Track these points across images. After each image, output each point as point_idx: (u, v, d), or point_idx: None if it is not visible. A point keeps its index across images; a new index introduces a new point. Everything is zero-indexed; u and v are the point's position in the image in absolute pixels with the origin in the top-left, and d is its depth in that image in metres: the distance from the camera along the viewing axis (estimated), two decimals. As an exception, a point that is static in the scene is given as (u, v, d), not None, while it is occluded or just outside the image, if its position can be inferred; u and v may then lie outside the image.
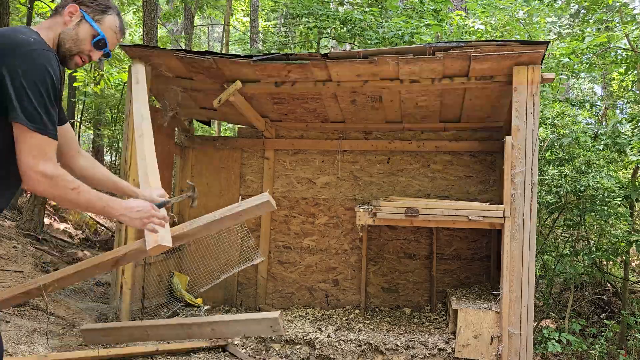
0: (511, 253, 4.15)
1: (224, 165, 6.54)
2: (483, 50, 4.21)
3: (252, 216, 2.83)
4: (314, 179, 6.38)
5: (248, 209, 2.72)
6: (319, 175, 6.38)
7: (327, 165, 6.35)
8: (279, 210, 6.38)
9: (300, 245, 6.35)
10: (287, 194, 6.41)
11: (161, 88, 5.68)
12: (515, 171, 4.20)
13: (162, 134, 5.84)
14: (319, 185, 6.36)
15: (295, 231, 6.37)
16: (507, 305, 4.13)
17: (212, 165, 6.56)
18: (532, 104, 4.24)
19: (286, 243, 6.38)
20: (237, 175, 6.50)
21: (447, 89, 5.07)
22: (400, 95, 5.36)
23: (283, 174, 6.45)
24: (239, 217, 2.74)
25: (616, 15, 6.60)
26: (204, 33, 23.26)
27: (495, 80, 4.59)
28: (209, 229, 2.83)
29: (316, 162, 6.39)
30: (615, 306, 6.69)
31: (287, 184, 6.43)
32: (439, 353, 4.36)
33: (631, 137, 5.61)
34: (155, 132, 4.51)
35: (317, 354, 4.42)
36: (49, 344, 3.97)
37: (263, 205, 2.71)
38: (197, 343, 4.37)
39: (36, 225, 6.28)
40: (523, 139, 4.22)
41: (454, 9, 10.25)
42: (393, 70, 4.64)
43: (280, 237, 6.40)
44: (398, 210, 4.54)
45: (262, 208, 2.74)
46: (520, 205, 4.18)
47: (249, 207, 2.71)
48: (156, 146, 5.10)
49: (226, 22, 11.97)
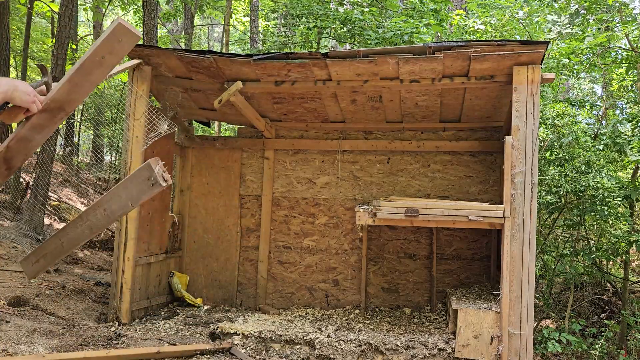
0: (511, 253, 4.15)
1: (224, 165, 6.53)
2: (483, 50, 4.21)
3: (116, 57, 1.77)
4: (314, 179, 6.37)
5: (103, 43, 1.81)
6: (319, 175, 6.36)
7: (327, 166, 6.34)
8: (278, 210, 6.38)
9: (301, 245, 6.33)
10: (287, 194, 6.40)
11: (161, 88, 5.69)
12: (515, 171, 4.20)
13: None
14: (319, 185, 6.35)
15: (295, 231, 6.35)
16: (507, 305, 4.13)
17: (212, 165, 6.55)
18: (532, 104, 4.23)
19: (286, 243, 6.36)
20: (237, 176, 6.49)
21: (447, 89, 5.07)
22: (400, 94, 5.35)
23: (283, 174, 6.44)
24: (101, 63, 1.86)
25: (616, 15, 6.60)
26: (204, 33, 23.27)
27: (495, 80, 4.59)
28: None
29: (316, 162, 6.38)
30: (615, 306, 6.69)
31: (287, 184, 6.42)
32: (439, 353, 4.36)
33: (631, 137, 5.61)
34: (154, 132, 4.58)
35: (317, 354, 4.42)
36: (49, 344, 3.98)
37: (117, 33, 1.89)
38: (201, 345, 4.36)
39: (36, 226, 6.28)
40: (523, 139, 4.22)
41: (454, 9, 10.26)
42: (393, 69, 4.64)
43: (281, 237, 6.38)
44: (398, 211, 4.54)
45: (117, 37, 1.90)
46: (520, 205, 4.17)
47: (103, 40, 1.82)
48: (155, 146, 5.23)
49: (226, 22, 11.97)
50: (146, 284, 5.55)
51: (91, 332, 4.50)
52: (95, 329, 4.62)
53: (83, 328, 4.58)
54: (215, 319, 5.27)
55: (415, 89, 5.06)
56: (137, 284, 5.27)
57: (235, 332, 4.68)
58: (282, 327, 4.90)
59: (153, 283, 5.70)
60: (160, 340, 4.44)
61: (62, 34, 6.25)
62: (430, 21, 7.82)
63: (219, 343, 4.43)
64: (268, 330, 4.68)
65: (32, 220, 6.21)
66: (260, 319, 5.30)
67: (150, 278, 5.63)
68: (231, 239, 6.43)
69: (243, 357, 4.32)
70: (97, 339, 4.37)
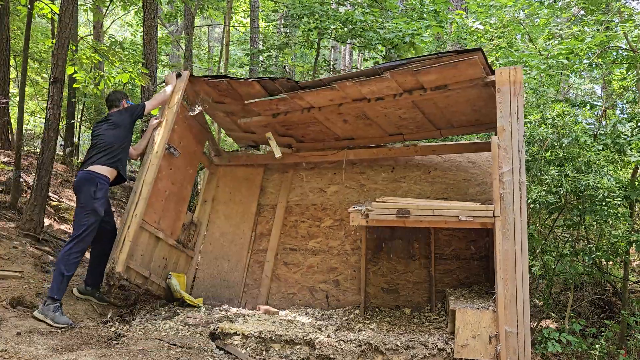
0: (504, 252, 4.16)
1: (247, 177, 7.04)
2: (423, 64, 4.51)
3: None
4: (324, 188, 6.78)
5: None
6: (329, 185, 6.79)
7: (338, 177, 6.78)
8: (290, 217, 6.72)
9: (305, 247, 6.54)
10: (299, 202, 6.79)
11: (211, 113, 6.57)
12: (503, 170, 4.22)
13: (188, 129, 6.19)
14: (328, 193, 6.75)
15: (302, 234, 6.62)
16: (503, 304, 4.13)
17: (236, 176, 7.07)
18: (517, 104, 4.28)
19: (293, 245, 6.60)
20: (257, 186, 6.95)
21: (420, 100, 5.29)
22: (380, 111, 5.61)
23: (299, 185, 6.88)
24: None
25: (615, 16, 6.60)
26: (204, 33, 23.27)
27: (450, 89, 4.84)
28: None
29: (328, 174, 6.83)
30: (615, 306, 6.70)
31: (301, 193, 6.83)
32: (438, 353, 4.36)
33: (631, 137, 5.61)
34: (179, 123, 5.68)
35: (317, 354, 4.42)
36: (49, 344, 3.98)
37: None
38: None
39: (36, 226, 6.28)
40: (509, 139, 4.25)
41: (453, 9, 10.27)
42: (357, 92, 5.05)
43: (289, 240, 6.64)
44: (390, 212, 4.54)
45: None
46: (510, 204, 4.19)
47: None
48: (181, 138, 5.98)
49: (226, 23, 11.98)
50: (150, 256, 5.70)
51: (91, 332, 4.51)
52: (95, 329, 4.63)
53: (83, 328, 4.59)
54: (215, 319, 5.28)
55: (387, 105, 5.37)
56: (140, 247, 5.48)
57: (235, 332, 4.69)
58: (282, 327, 4.91)
59: (157, 261, 5.83)
60: (160, 340, 4.45)
61: (62, 34, 6.26)
62: (431, 22, 7.84)
63: None
64: (268, 330, 4.69)
65: (32, 220, 6.21)
66: (260, 319, 5.31)
67: (155, 253, 5.79)
68: (244, 242, 6.69)
69: (242, 357, 4.32)
70: (97, 339, 4.38)
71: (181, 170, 6.11)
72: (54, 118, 6.23)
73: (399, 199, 5.50)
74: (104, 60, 9.12)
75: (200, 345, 4.43)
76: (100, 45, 8.95)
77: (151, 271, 5.67)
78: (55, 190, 8.76)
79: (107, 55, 8.31)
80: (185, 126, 6.04)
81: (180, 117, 5.82)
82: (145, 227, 5.49)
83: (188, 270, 6.44)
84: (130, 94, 11.21)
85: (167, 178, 5.86)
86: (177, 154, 5.77)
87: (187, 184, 6.29)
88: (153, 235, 5.70)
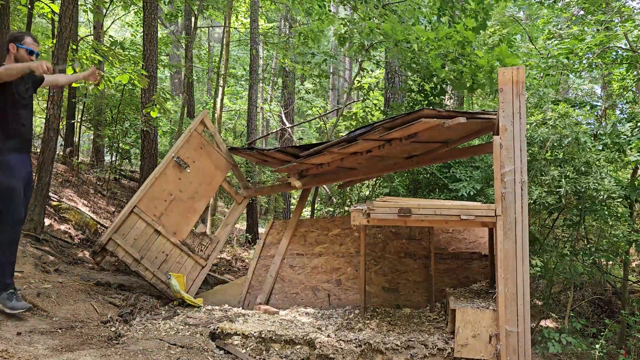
0: (505, 251, 4.16)
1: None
2: (384, 128, 4.84)
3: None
4: None
5: None
6: None
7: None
8: (301, 227, 6.90)
9: (312, 252, 6.67)
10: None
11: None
12: (505, 170, 4.22)
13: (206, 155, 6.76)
14: None
15: (310, 242, 6.76)
16: (503, 303, 4.13)
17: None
18: (519, 104, 4.27)
19: (300, 251, 6.74)
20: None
21: (405, 142, 5.49)
22: (377, 153, 5.82)
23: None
24: None
25: (615, 16, 6.60)
26: (205, 34, 23.28)
27: (418, 136, 5.06)
28: None
29: None
30: (615, 306, 6.70)
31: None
32: (438, 353, 4.36)
33: (631, 137, 5.62)
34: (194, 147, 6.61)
35: (317, 353, 4.42)
36: (49, 344, 3.98)
37: None
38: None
39: (36, 226, 6.28)
40: (511, 139, 4.25)
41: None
42: (345, 152, 5.50)
43: (297, 247, 6.78)
44: (391, 211, 4.54)
45: None
46: (511, 203, 4.19)
47: None
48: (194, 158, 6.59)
49: (226, 24, 11.98)
50: (145, 243, 6.08)
51: (91, 332, 4.51)
52: (95, 329, 4.63)
53: (83, 328, 4.59)
54: (215, 319, 5.28)
55: (379, 152, 5.69)
56: (134, 231, 6.00)
57: (235, 332, 4.69)
58: (282, 327, 4.91)
59: (155, 252, 6.15)
60: (160, 340, 4.45)
61: (62, 34, 6.26)
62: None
63: None
64: (268, 330, 4.69)
65: (33, 220, 6.21)
66: (260, 318, 5.31)
67: (154, 244, 6.13)
68: (257, 248, 7.03)
69: (242, 357, 4.32)
70: (97, 338, 4.38)
71: (193, 185, 6.60)
72: (54, 118, 6.24)
73: (400, 198, 5.51)
74: (104, 61, 9.12)
75: (201, 345, 4.43)
76: (100, 45, 8.95)
77: (145, 257, 6.01)
78: (55, 190, 8.77)
79: (107, 56, 8.32)
80: (203, 152, 6.71)
81: (196, 142, 6.60)
82: (141, 215, 6.05)
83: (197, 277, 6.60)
84: (130, 94, 11.21)
85: (175, 185, 6.43)
86: (186, 167, 6.48)
87: (201, 199, 6.69)
88: (151, 227, 6.12)
